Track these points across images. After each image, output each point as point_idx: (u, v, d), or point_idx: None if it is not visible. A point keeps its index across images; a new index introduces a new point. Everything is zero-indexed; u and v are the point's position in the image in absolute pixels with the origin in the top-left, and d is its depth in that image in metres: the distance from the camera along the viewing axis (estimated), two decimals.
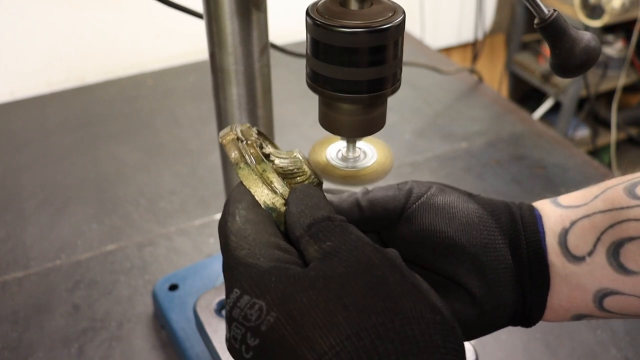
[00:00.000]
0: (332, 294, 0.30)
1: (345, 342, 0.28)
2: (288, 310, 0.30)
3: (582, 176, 0.94)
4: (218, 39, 0.49)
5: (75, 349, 0.67)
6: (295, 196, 0.37)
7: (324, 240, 0.33)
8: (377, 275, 0.30)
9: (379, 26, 0.36)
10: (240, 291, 0.32)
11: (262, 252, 0.34)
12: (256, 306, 0.31)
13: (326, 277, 0.31)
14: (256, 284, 0.32)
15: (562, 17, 0.39)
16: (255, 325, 0.30)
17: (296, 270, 0.32)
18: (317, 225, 0.35)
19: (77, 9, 1.30)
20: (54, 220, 0.85)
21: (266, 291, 0.31)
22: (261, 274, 0.32)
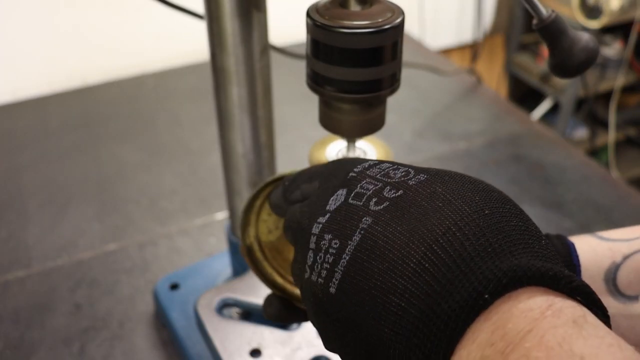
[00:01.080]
0: (467, 178, 0.30)
1: (495, 202, 0.28)
2: (439, 175, 0.30)
3: (581, 176, 0.94)
4: (219, 39, 0.50)
5: (76, 348, 0.67)
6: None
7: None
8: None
9: (378, 27, 0.37)
10: (380, 161, 0.32)
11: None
12: (401, 169, 0.31)
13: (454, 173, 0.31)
14: (394, 163, 0.32)
15: (561, 18, 0.40)
16: (400, 181, 0.30)
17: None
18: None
19: (79, 9, 1.30)
20: (56, 219, 0.86)
21: (410, 165, 0.31)
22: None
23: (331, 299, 0.29)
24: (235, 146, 0.56)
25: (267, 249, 0.42)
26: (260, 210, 0.41)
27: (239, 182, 0.58)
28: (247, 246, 0.41)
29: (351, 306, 0.28)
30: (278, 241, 0.42)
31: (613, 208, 0.87)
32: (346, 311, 0.28)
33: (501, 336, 0.23)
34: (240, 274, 0.64)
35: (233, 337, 0.56)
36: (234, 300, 0.60)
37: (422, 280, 0.25)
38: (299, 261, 0.32)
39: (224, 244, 0.80)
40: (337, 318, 0.28)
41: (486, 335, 0.23)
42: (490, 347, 0.23)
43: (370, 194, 0.30)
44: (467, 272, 0.25)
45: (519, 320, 0.23)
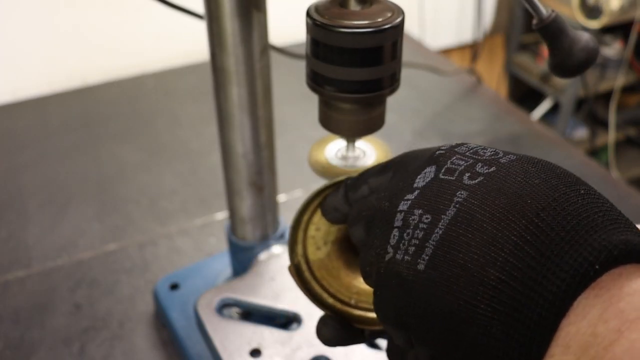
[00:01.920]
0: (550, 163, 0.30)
1: (586, 185, 0.28)
2: (528, 157, 0.29)
3: (581, 176, 0.93)
4: (219, 39, 0.50)
5: (76, 348, 0.67)
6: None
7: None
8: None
9: (378, 27, 0.37)
10: (465, 144, 0.31)
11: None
12: (489, 149, 0.30)
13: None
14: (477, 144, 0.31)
15: (561, 17, 0.40)
16: (490, 159, 0.29)
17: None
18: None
19: (79, 9, 1.30)
20: (56, 219, 0.86)
21: (492, 149, 0.31)
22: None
23: (419, 276, 0.27)
24: (235, 146, 0.56)
25: (315, 267, 0.40)
26: (308, 226, 0.39)
27: (239, 182, 0.58)
28: (295, 265, 0.40)
29: (442, 283, 0.26)
30: (327, 258, 0.41)
31: None
32: (435, 289, 0.26)
33: (615, 314, 0.22)
34: (240, 274, 0.64)
35: (233, 337, 0.56)
36: (234, 300, 0.60)
37: (524, 252, 0.24)
38: (376, 246, 0.30)
39: (224, 244, 0.80)
40: (424, 298, 0.27)
41: (598, 311, 0.22)
42: (603, 324, 0.22)
43: (462, 169, 0.29)
44: (574, 244, 0.24)
45: (634, 298, 0.22)
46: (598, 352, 0.21)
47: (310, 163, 0.46)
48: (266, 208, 0.61)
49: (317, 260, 0.40)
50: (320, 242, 0.40)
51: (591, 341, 0.22)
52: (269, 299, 0.59)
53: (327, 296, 0.40)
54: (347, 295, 0.40)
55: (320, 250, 0.40)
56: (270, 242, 0.64)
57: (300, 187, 0.91)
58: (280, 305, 0.59)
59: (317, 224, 0.39)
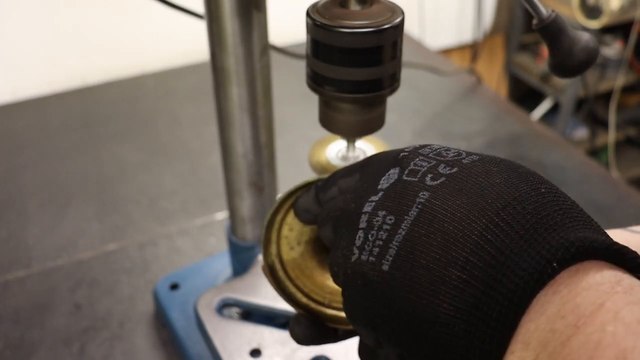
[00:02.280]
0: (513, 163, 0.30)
1: (548, 184, 0.28)
2: (491, 157, 0.30)
3: (581, 176, 0.94)
4: (218, 39, 0.50)
5: (76, 348, 0.67)
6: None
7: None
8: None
9: (378, 27, 0.37)
10: (428, 145, 0.32)
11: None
12: (452, 150, 0.31)
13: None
14: (443, 148, 0.32)
15: (561, 17, 0.40)
16: (453, 160, 0.29)
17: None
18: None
19: (79, 9, 1.30)
20: (56, 219, 0.86)
21: (455, 150, 0.31)
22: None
23: (383, 277, 0.27)
24: (235, 146, 0.56)
25: (289, 267, 0.41)
26: (281, 226, 0.40)
27: (239, 182, 0.58)
28: (269, 265, 0.40)
29: (405, 283, 0.27)
30: (300, 258, 0.41)
31: (613, 208, 0.87)
32: (399, 289, 0.27)
33: (572, 309, 0.22)
34: (240, 274, 0.64)
35: (233, 337, 0.56)
36: (234, 300, 0.60)
37: (484, 251, 0.25)
38: (342, 247, 0.31)
39: (224, 244, 0.80)
40: (388, 298, 0.27)
41: (555, 307, 0.23)
42: (560, 319, 0.22)
43: (425, 170, 0.29)
44: (533, 243, 0.24)
45: (590, 293, 0.22)
46: (556, 348, 0.22)
47: (311, 163, 0.46)
48: (266, 208, 0.61)
49: (290, 260, 0.41)
50: (294, 242, 0.40)
51: (550, 337, 0.22)
52: (269, 299, 0.59)
53: (300, 295, 0.41)
54: (321, 294, 0.41)
55: (294, 250, 0.40)
56: None
57: None
58: (280, 305, 0.59)
59: (290, 224, 0.39)
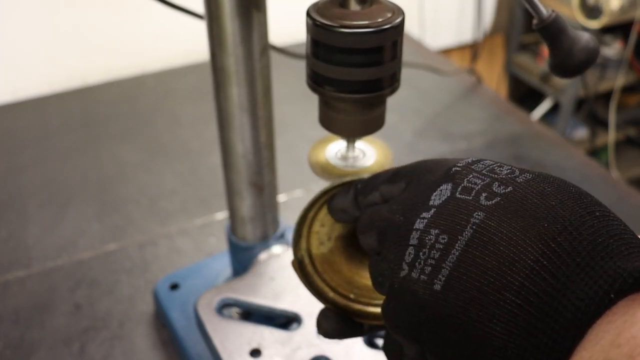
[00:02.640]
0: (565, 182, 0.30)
1: (601, 206, 0.28)
2: (545, 176, 0.29)
3: (581, 176, 0.94)
4: (218, 39, 0.50)
5: (76, 348, 0.67)
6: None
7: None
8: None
9: (378, 27, 0.37)
10: (481, 161, 0.31)
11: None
12: (505, 167, 0.30)
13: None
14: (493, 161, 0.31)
15: (561, 17, 0.40)
16: (507, 178, 0.29)
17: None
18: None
19: (79, 9, 1.30)
20: (56, 219, 0.86)
21: (509, 166, 0.30)
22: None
23: (435, 297, 0.27)
24: (235, 146, 0.56)
25: (317, 262, 0.41)
26: (313, 222, 0.40)
27: (239, 182, 0.58)
28: (299, 260, 0.40)
29: (458, 304, 0.27)
30: (329, 253, 0.41)
31: (613, 208, 0.87)
32: (451, 310, 0.27)
33: (627, 339, 0.22)
34: (240, 274, 0.64)
35: (233, 337, 0.56)
36: (234, 300, 0.60)
37: (540, 277, 0.25)
38: (390, 260, 0.31)
39: (224, 244, 0.80)
40: (439, 317, 0.27)
41: (610, 337, 0.22)
42: (616, 349, 0.22)
43: (479, 188, 0.29)
44: (589, 271, 0.24)
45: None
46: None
47: (310, 163, 0.46)
48: (266, 208, 0.61)
49: (320, 254, 0.41)
50: (324, 238, 0.40)
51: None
52: (269, 299, 0.59)
53: (328, 290, 0.41)
54: (348, 289, 0.41)
55: (324, 245, 0.40)
56: (270, 242, 0.64)
57: (300, 187, 0.91)
58: (280, 305, 0.59)
59: (322, 220, 0.40)
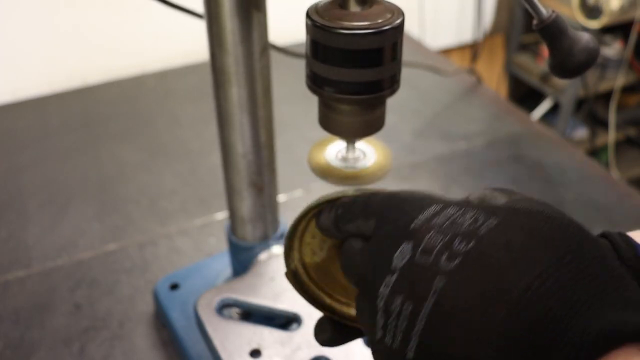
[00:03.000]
0: (551, 214, 0.28)
1: (574, 243, 0.26)
2: (513, 219, 0.27)
3: (581, 176, 0.94)
4: (218, 39, 0.50)
5: (76, 348, 0.67)
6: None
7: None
8: (551, 213, 0.29)
9: (378, 28, 0.37)
10: (443, 205, 0.30)
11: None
12: (469, 214, 0.28)
13: (533, 209, 0.29)
14: (459, 202, 0.30)
15: (561, 18, 0.40)
16: (469, 231, 0.27)
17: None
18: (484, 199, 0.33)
19: (79, 9, 1.30)
20: (56, 219, 0.86)
21: (476, 206, 0.29)
22: (458, 201, 0.30)
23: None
24: (235, 146, 0.56)
25: (312, 271, 0.41)
26: (304, 234, 0.40)
27: (239, 182, 0.58)
28: (292, 270, 0.40)
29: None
30: (323, 262, 0.41)
31: (613, 208, 0.87)
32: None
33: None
34: (240, 274, 0.64)
35: (233, 337, 0.56)
36: (234, 300, 0.60)
37: (507, 344, 0.24)
38: (366, 317, 0.31)
39: (224, 244, 0.80)
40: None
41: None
42: None
43: (439, 248, 0.27)
44: (555, 338, 0.23)
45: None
46: None
47: (310, 164, 0.46)
48: (266, 208, 0.61)
49: (313, 263, 0.41)
50: (317, 248, 0.40)
51: None
52: (269, 299, 0.59)
53: (325, 296, 0.41)
54: (345, 295, 0.41)
55: (317, 255, 0.40)
56: (270, 242, 0.64)
57: (300, 187, 0.91)
58: (280, 305, 0.59)
59: (312, 232, 0.39)
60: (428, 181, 0.94)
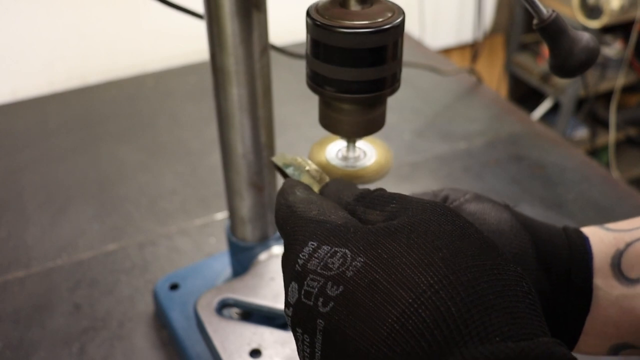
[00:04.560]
0: (423, 237, 0.29)
1: (443, 280, 0.26)
2: (377, 254, 0.29)
3: (581, 176, 0.94)
4: (218, 39, 0.50)
5: (76, 348, 0.67)
6: (334, 181, 0.39)
7: (385, 205, 0.33)
8: (458, 224, 0.30)
9: (378, 27, 0.37)
10: (318, 242, 0.31)
11: (333, 212, 0.33)
12: (338, 254, 0.30)
13: (412, 224, 0.30)
14: (335, 235, 0.31)
15: (562, 17, 0.40)
16: (338, 273, 0.29)
17: (374, 225, 0.31)
18: (369, 196, 0.35)
19: (79, 9, 1.30)
20: (55, 219, 0.86)
21: (347, 240, 0.30)
22: (338, 227, 0.31)
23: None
24: (235, 146, 0.56)
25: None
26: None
27: (239, 182, 0.58)
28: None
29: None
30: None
31: (613, 208, 0.87)
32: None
33: None
34: (240, 274, 0.64)
35: (233, 337, 0.56)
36: (234, 300, 0.59)
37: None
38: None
39: (224, 244, 0.80)
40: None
41: None
42: None
43: (316, 292, 0.30)
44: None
45: None
46: None
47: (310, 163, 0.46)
48: (266, 208, 0.61)
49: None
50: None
51: None
52: (269, 299, 0.59)
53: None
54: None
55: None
56: (270, 242, 0.64)
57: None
58: (280, 305, 0.59)
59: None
60: (428, 181, 0.94)
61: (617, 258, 0.38)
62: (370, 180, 0.43)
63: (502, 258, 0.29)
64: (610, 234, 0.40)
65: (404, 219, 0.31)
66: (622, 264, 0.38)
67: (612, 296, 0.38)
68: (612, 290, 0.38)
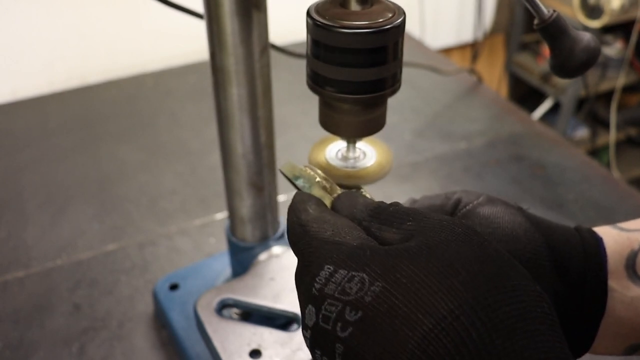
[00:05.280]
0: (441, 260, 0.28)
1: (464, 305, 0.26)
2: (396, 278, 0.28)
3: (582, 176, 0.94)
4: (218, 39, 0.50)
5: (76, 348, 0.67)
6: (346, 194, 0.38)
7: (401, 223, 0.32)
8: (477, 243, 0.30)
9: (379, 27, 0.37)
10: (334, 266, 0.30)
11: (347, 232, 0.33)
12: (356, 279, 0.29)
13: (430, 246, 0.29)
14: (351, 258, 0.30)
15: (562, 17, 0.40)
16: (357, 298, 0.29)
17: (390, 246, 0.31)
18: (385, 212, 0.34)
19: (79, 9, 1.30)
20: (55, 219, 0.86)
21: (365, 264, 0.30)
22: (354, 249, 0.31)
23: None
24: (235, 146, 0.56)
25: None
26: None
27: (238, 182, 0.58)
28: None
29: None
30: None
31: (614, 208, 0.87)
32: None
33: None
34: (239, 275, 0.64)
35: (233, 337, 0.56)
36: (234, 300, 0.59)
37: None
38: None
39: (223, 244, 0.80)
40: None
41: None
42: None
43: (334, 317, 0.29)
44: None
45: None
46: None
47: (311, 164, 0.46)
48: (266, 208, 0.61)
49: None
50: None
51: None
52: (269, 299, 0.59)
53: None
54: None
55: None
56: (270, 243, 0.64)
57: None
58: (280, 305, 0.59)
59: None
60: (428, 181, 0.93)
61: (631, 259, 0.38)
62: (371, 181, 0.43)
63: (522, 276, 0.28)
64: (623, 234, 0.39)
65: (421, 240, 0.30)
66: (637, 265, 0.38)
67: (627, 298, 0.38)
68: (627, 291, 0.38)
